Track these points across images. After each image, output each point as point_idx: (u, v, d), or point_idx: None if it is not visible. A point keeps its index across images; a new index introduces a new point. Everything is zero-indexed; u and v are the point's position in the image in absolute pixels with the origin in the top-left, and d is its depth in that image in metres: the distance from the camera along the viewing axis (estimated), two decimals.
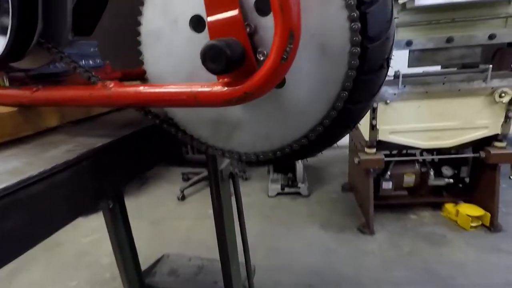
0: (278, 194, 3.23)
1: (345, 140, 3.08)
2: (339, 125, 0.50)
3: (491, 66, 2.16)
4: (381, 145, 2.45)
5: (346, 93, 0.43)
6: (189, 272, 1.98)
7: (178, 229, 2.81)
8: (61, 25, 0.51)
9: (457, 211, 2.57)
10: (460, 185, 2.71)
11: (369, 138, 2.39)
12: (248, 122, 0.47)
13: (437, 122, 2.33)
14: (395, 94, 2.28)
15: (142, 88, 0.43)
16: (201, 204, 3.25)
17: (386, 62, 0.48)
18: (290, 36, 0.34)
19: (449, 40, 2.16)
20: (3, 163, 0.43)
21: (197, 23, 0.44)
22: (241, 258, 1.57)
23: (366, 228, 2.62)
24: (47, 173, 0.40)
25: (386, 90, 2.27)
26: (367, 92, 0.48)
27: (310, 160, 4.12)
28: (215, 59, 0.36)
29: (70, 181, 0.43)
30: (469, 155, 2.50)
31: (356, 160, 2.51)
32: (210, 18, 0.40)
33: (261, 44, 0.42)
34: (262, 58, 0.42)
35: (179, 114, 0.50)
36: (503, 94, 2.18)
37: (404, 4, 2.05)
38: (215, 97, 0.39)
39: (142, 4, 0.45)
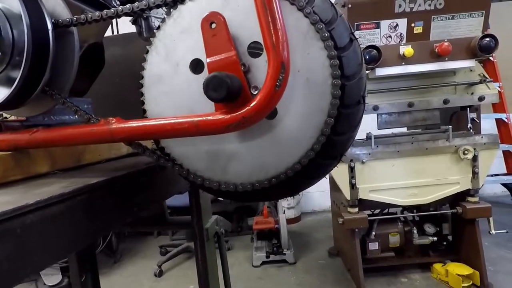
0: (264, 263, 3.06)
1: (326, 204, 3.05)
2: (328, 156, 0.54)
3: (450, 126, 2.39)
4: (363, 204, 2.48)
5: (332, 119, 0.48)
6: None
7: None
8: (67, 74, 0.55)
9: (446, 271, 2.51)
10: (445, 243, 2.71)
11: (351, 197, 2.43)
12: (243, 153, 0.50)
13: (412, 180, 2.43)
14: (369, 154, 2.41)
15: (144, 122, 0.46)
16: (180, 279, 2.98)
17: (362, 98, 0.55)
18: (282, 67, 0.40)
19: (410, 104, 2.40)
20: None
21: (196, 66, 0.50)
22: None
23: None
24: (42, 204, 0.39)
25: (361, 150, 2.41)
26: (349, 124, 0.54)
27: (294, 226, 4.03)
28: (217, 88, 0.41)
29: (64, 215, 0.42)
30: (447, 211, 2.57)
31: (340, 220, 2.50)
32: (209, 59, 0.46)
33: (254, 81, 0.48)
34: (255, 92, 0.47)
35: (176, 149, 0.52)
36: (466, 152, 2.37)
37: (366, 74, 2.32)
38: (216, 124, 0.43)
39: (146, 52, 0.51)
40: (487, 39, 2.12)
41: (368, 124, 2.56)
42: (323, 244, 3.39)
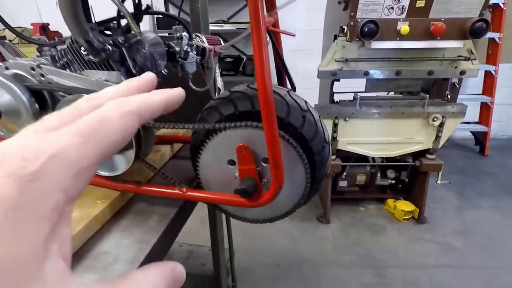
0: None
1: None
2: (305, 203, 0.95)
3: (428, 96, 2.71)
4: (340, 152, 2.98)
5: (306, 193, 0.87)
6: (181, 257, 2.42)
7: None
8: (150, 147, 0.90)
9: (395, 206, 3.21)
10: (400, 186, 3.34)
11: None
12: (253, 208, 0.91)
13: (384, 137, 2.87)
14: (353, 113, 2.77)
15: (205, 194, 0.85)
16: None
17: (325, 176, 0.93)
18: (279, 187, 0.78)
19: (398, 73, 2.66)
20: (131, 233, 0.83)
21: (231, 162, 0.85)
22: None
23: (323, 218, 3.20)
24: (160, 237, 0.82)
25: (346, 110, 2.76)
26: (316, 190, 0.94)
27: None
28: (246, 194, 0.78)
29: (168, 239, 0.85)
30: (408, 163, 3.10)
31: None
32: (240, 166, 0.82)
33: (264, 176, 0.84)
34: (264, 182, 0.85)
35: None
36: (435, 119, 2.76)
37: (363, 43, 2.49)
38: (244, 204, 0.82)
39: (201, 151, 0.86)
40: (479, 23, 2.26)
41: (358, 85, 2.85)
42: None
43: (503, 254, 2.73)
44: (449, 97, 2.90)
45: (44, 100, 0.88)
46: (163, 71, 0.99)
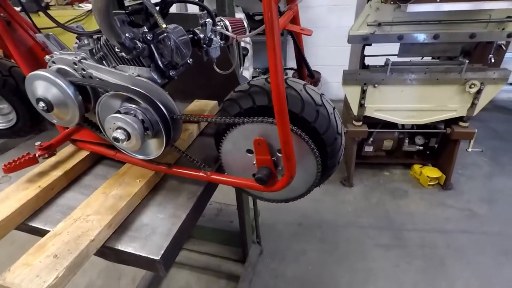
0: None
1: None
2: (316, 186, 1.04)
3: (467, 61, 2.53)
4: (367, 118, 2.94)
5: (317, 180, 0.96)
6: (212, 213, 2.67)
7: None
8: (178, 135, 1.01)
9: (421, 172, 3.20)
10: (428, 152, 3.28)
11: (357, 113, 2.87)
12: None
13: (415, 104, 2.78)
14: (383, 79, 2.68)
15: (225, 177, 0.96)
16: None
17: (338, 164, 1.00)
18: (291, 177, 0.87)
19: (436, 36, 2.48)
20: (165, 208, 0.98)
21: (249, 151, 0.95)
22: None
23: (347, 182, 3.29)
24: (189, 213, 0.96)
25: (377, 76, 2.67)
26: (328, 175, 1.02)
27: None
28: (263, 181, 0.88)
29: (195, 214, 1.00)
30: (439, 130, 3.01)
31: (344, 129, 3.02)
32: (257, 156, 0.91)
33: (279, 164, 0.93)
34: (279, 170, 0.94)
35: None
36: (472, 85, 2.60)
37: (399, 5, 2.32)
38: (260, 189, 0.93)
39: (223, 139, 0.95)
40: None
41: (391, 50, 2.70)
42: None
43: None
44: (492, 60, 2.69)
45: (86, 92, 1.00)
46: (188, 61, 1.06)
